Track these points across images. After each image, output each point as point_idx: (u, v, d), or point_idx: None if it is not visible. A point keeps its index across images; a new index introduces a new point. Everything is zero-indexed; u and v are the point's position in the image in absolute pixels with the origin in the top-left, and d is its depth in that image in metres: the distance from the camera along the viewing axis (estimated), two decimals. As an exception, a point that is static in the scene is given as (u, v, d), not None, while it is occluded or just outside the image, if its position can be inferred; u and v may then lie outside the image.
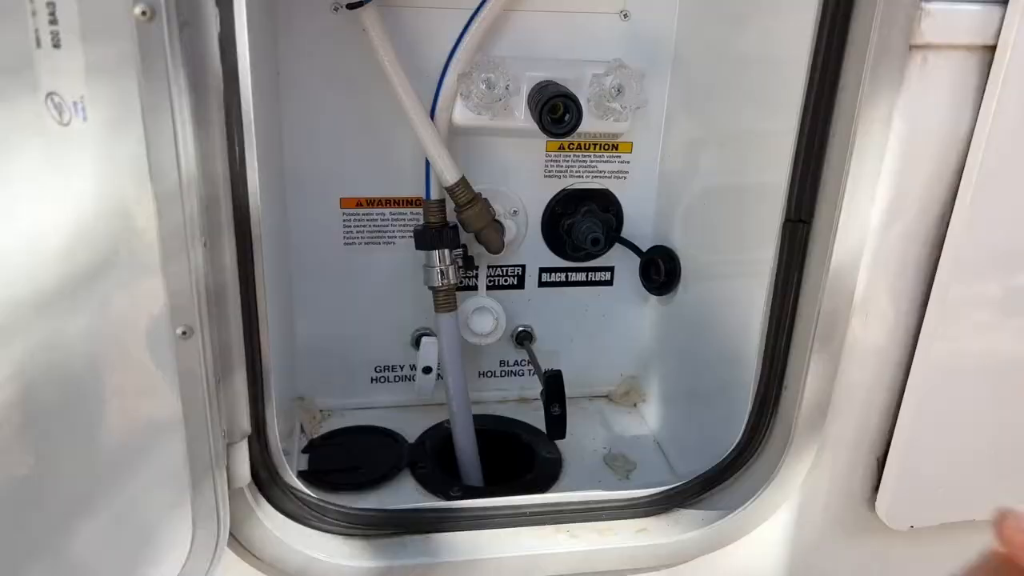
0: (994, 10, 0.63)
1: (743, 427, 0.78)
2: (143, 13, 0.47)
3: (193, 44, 0.51)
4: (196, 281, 0.54)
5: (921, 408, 0.75)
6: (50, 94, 0.47)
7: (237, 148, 0.57)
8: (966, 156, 0.66)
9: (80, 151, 0.49)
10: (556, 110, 0.94)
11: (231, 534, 0.67)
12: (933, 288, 0.71)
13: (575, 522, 0.79)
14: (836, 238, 0.66)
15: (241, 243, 0.59)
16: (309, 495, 0.73)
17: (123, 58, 0.47)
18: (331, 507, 0.73)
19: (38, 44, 0.47)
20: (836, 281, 0.68)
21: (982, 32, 0.63)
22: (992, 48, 0.63)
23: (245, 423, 0.64)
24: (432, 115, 0.97)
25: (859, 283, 0.69)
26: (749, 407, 0.77)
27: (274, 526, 0.69)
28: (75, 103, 0.48)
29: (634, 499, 0.79)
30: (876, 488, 0.79)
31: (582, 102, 0.94)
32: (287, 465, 0.70)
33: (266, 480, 0.69)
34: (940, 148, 0.66)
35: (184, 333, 0.55)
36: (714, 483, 0.80)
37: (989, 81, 0.64)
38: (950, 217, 0.68)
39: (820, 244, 0.68)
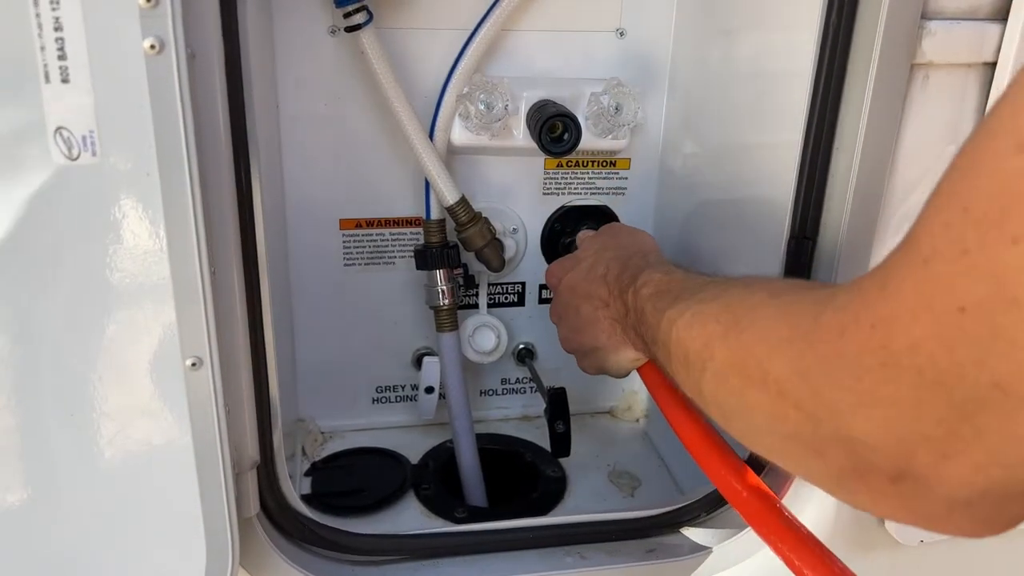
0: (993, 27, 0.63)
1: (751, 444, 0.78)
2: (152, 47, 0.46)
3: (200, 75, 0.51)
4: (205, 311, 0.54)
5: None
6: (59, 129, 0.47)
7: (243, 175, 0.57)
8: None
9: (90, 185, 0.48)
10: (555, 129, 0.94)
11: (241, 564, 0.66)
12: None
13: (584, 543, 0.78)
14: (841, 256, 0.66)
15: (248, 272, 0.58)
16: (318, 522, 0.72)
17: (133, 92, 0.47)
18: (340, 533, 0.73)
19: (47, 79, 0.46)
20: (842, 298, 0.68)
21: (982, 49, 0.64)
22: (992, 65, 0.64)
23: (254, 452, 0.63)
24: (431, 136, 0.97)
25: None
26: (757, 425, 0.77)
27: (284, 554, 0.69)
28: (84, 137, 0.47)
29: (643, 519, 0.79)
30: (885, 503, 0.79)
31: (580, 120, 0.94)
32: (294, 493, 0.70)
33: (274, 508, 0.69)
34: (944, 166, 0.66)
35: (194, 364, 0.55)
36: (723, 501, 0.80)
37: (990, 98, 0.65)
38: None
39: (825, 261, 0.69)
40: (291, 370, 1.07)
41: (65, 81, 0.46)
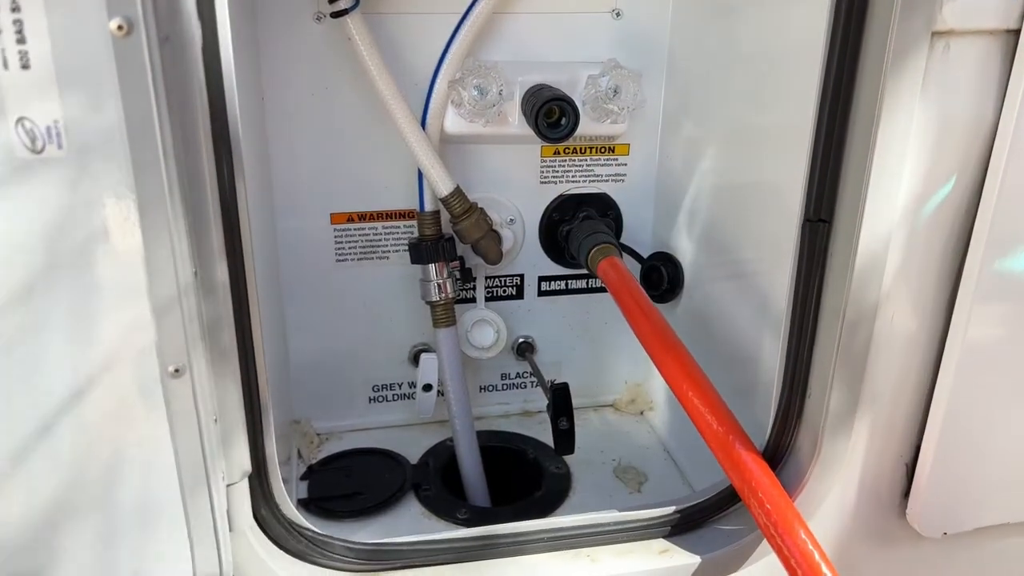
0: (1016, -7, 0.60)
1: (766, 437, 0.75)
2: (120, 28, 0.43)
3: (175, 60, 0.48)
4: (187, 315, 0.50)
5: (950, 410, 0.72)
6: (20, 119, 0.44)
7: (225, 169, 0.53)
8: (992, 146, 0.63)
9: (56, 180, 0.45)
10: (552, 114, 0.91)
11: (234, 578, 0.63)
12: (960, 285, 0.68)
13: (593, 545, 0.75)
14: (859, 237, 0.63)
15: (233, 272, 0.55)
16: (314, 531, 0.69)
17: (100, 78, 0.43)
18: (337, 543, 0.70)
19: (5, 66, 0.43)
20: (860, 282, 0.65)
21: (1005, 16, 0.60)
22: (1016, 32, 0.61)
23: (245, 462, 0.60)
24: (423, 125, 0.93)
25: (884, 283, 0.66)
26: (772, 416, 0.74)
27: (279, 567, 0.66)
28: (48, 129, 0.44)
29: (654, 518, 0.76)
30: (906, 495, 0.76)
31: (578, 105, 0.91)
32: (289, 501, 0.66)
33: (268, 519, 0.65)
34: (965, 139, 0.63)
35: (176, 371, 0.51)
36: (736, 498, 0.77)
37: (1014, 67, 0.61)
38: (976, 211, 0.65)
39: (842, 244, 0.65)
40: (284, 371, 1.04)
41: (25, 67, 0.42)
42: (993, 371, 0.71)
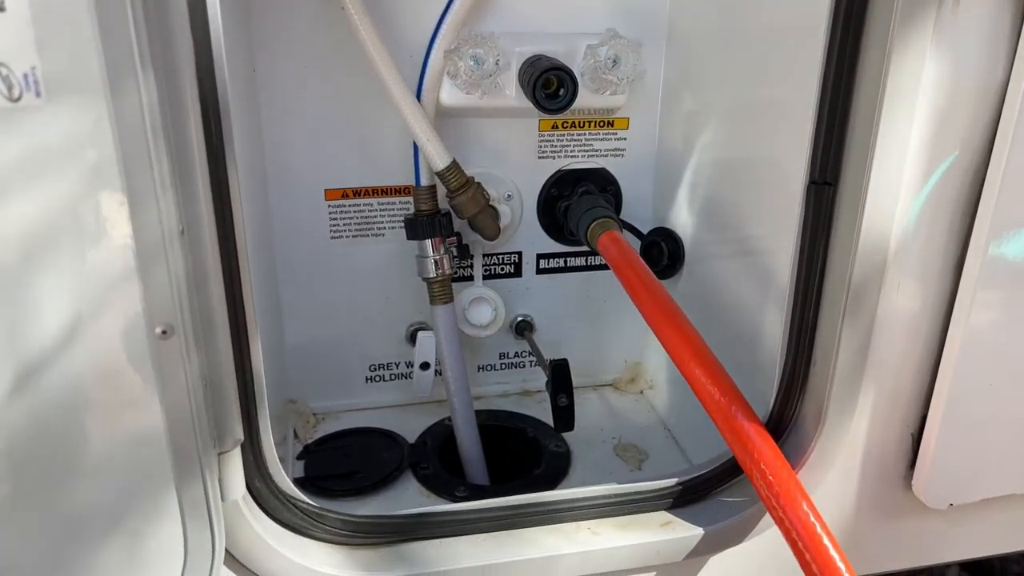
0: (1026, -54, 0.58)
1: (770, 407, 0.73)
2: (99, -30, 0.41)
3: (159, 7, 0.46)
4: (175, 274, 0.49)
5: (957, 378, 0.70)
6: (-4, 66, 0.42)
7: (213, 126, 0.52)
8: (1001, 107, 0.62)
9: (35, 130, 0.43)
10: (550, 84, 0.89)
11: (227, 550, 0.61)
12: (969, 249, 0.66)
13: (595, 518, 0.74)
14: (866, 199, 0.62)
15: (222, 231, 0.53)
16: (309, 503, 0.67)
17: (79, 21, 0.42)
18: (332, 515, 0.68)
19: (-21, 9, 0.41)
20: (867, 246, 0.63)
21: (1017, -31, 0.59)
22: (1027, -12, 0.59)
23: (237, 430, 0.58)
24: (419, 97, 0.92)
25: (891, 247, 0.65)
26: (776, 386, 0.73)
27: (273, 539, 0.64)
28: (26, 76, 0.42)
29: (656, 491, 0.75)
30: (912, 466, 0.75)
31: (576, 76, 0.89)
32: (284, 474, 0.65)
33: (261, 490, 0.64)
34: (974, 99, 0.62)
35: (164, 332, 0.49)
36: (738, 470, 0.75)
37: (1024, 24, 0.60)
38: (985, 173, 0.64)
39: (848, 207, 0.64)
40: (279, 349, 1.02)
41: (1, 9, 0.41)
42: (1001, 339, 0.70)
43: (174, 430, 0.52)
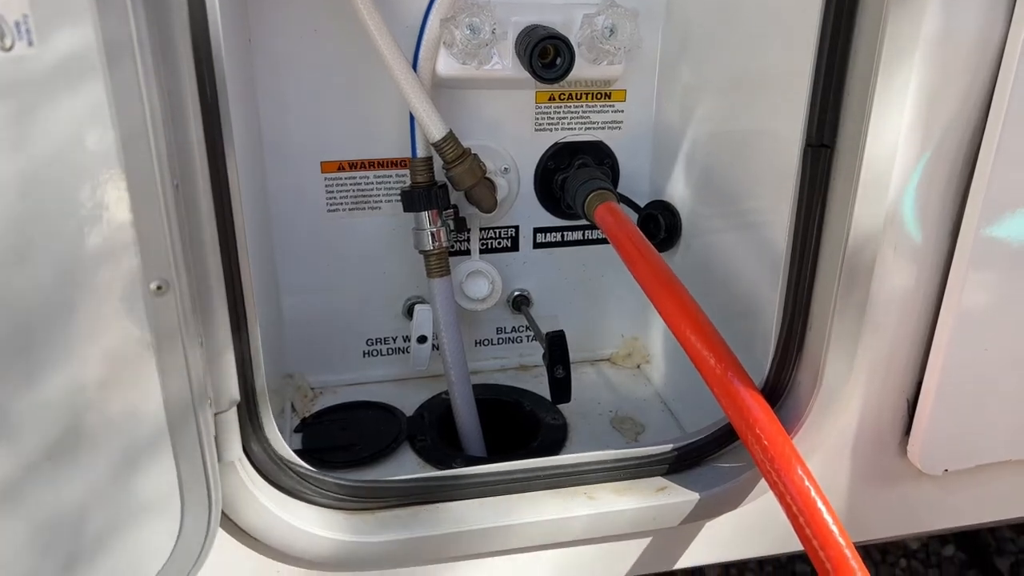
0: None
1: (765, 373, 0.73)
2: (91, -85, 0.41)
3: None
4: (170, 228, 0.48)
5: (953, 343, 0.70)
6: (-12, 13, 0.42)
7: (208, 83, 0.52)
8: (1000, 62, 0.61)
9: (27, 79, 0.43)
10: (547, 54, 0.89)
11: (223, 512, 0.62)
12: (965, 213, 0.66)
13: (591, 484, 0.74)
14: (863, 161, 0.61)
15: (217, 188, 0.53)
16: (306, 468, 0.67)
17: (71, -33, 0.41)
18: (330, 480, 0.68)
19: (-30, -46, 0.41)
20: (864, 209, 0.63)
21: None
22: (1027, -59, 0.59)
23: (234, 390, 0.58)
24: (415, 67, 0.91)
25: (888, 208, 0.64)
26: (772, 351, 0.73)
27: (270, 501, 0.64)
28: (17, 24, 0.42)
29: (652, 456, 0.75)
30: (907, 431, 0.75)
31: (573, 46, 0.89)
32: (280, 437, 0.65)
33: (258, 453, 0.64)
34: (973, 55, 0.61)
35: (159, 288, 0.49)
36: (734, 436, 0.76)
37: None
38: (984, 129, 0.64)
39: (845, 169, 0.64)
40: (277, 323, 1.02)
41: (-9, -45, 0.41)
42: (998, 303, 0.70)
43: (170, 388, 0.52)
